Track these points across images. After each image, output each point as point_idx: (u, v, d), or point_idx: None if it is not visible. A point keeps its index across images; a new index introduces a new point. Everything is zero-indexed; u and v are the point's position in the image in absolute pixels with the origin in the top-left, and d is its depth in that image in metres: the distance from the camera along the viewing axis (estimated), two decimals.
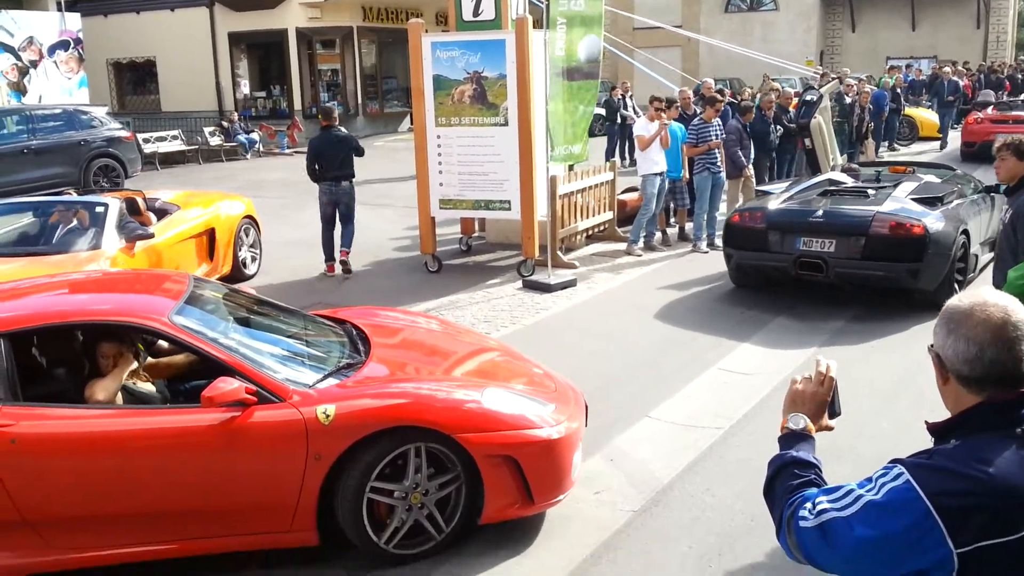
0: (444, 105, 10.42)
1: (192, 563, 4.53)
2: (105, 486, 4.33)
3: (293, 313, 5.76)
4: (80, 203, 9.06)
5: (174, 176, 20.29)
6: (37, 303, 5.18)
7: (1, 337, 4.43)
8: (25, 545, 4.31)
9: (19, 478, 4.21)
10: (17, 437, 4.19)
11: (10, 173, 16.03)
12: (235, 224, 10.59)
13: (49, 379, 4.98)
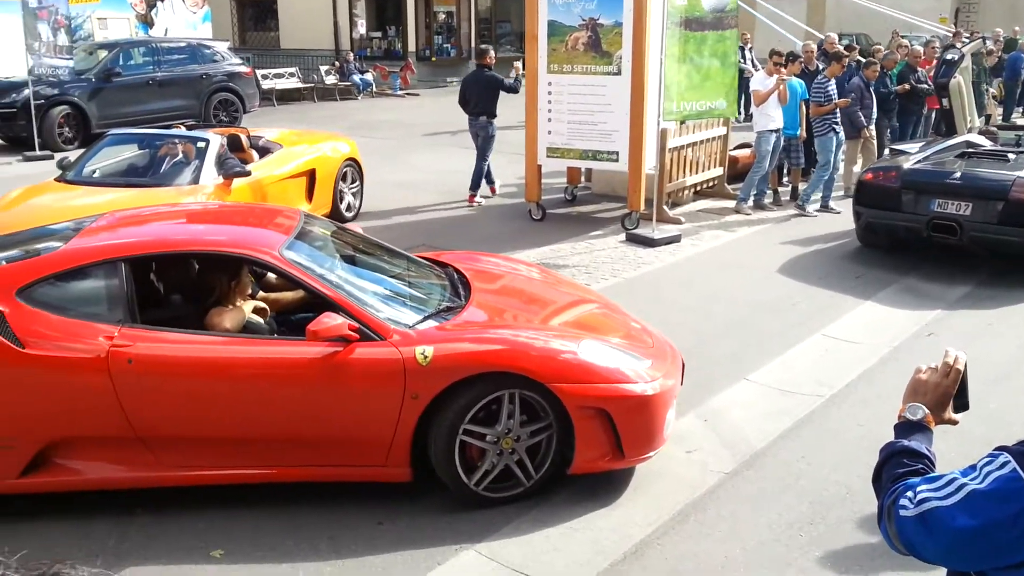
0: (557, 52, 10.33)
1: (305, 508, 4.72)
2: (213, 410, 4.53)
3: (397, 254, 5.86)
4: (184, 138, 9.27)
5: (289, 113, 20.70)
6: (157, 231, 5.40)
7: (123, 262, 4.64)
8: (137, 461, 4.55)
9: (134, 397, 4.43)
10: (134, 358, 4.40)
11: (136, 103, 16.61)
12: (337, 166, 10.62)
13: (164, 304, 5.21)
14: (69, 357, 4.40)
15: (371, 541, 4.43)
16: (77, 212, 7.00)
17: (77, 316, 4.50)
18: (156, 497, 4.68)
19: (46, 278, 4.58)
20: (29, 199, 8.54)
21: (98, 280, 4.64)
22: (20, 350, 4.34)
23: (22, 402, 4.41)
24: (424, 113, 20.97)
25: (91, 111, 16.07)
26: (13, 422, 4.41)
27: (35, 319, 4.43)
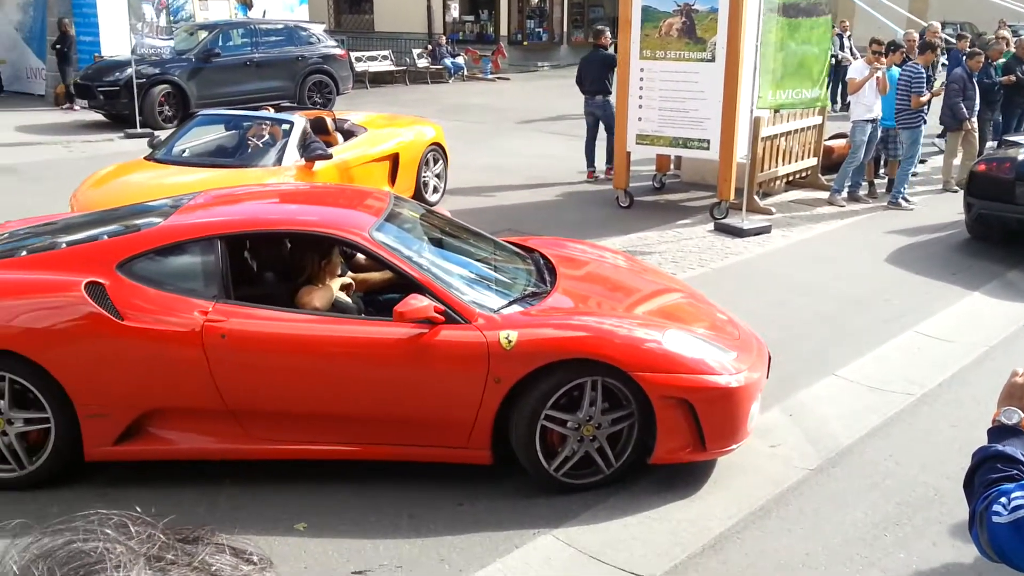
0: (650, 37, 10.21)
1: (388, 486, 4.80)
2: (301, 386, 4.63)
3: (484, 238, 5.89)
4: (270, 120, 9.42)
5: (380, 95, 20.94)
6: (251, 210, 5.54)
7: (219, 239, 4.78)
8: (227, 432, 4.69)
9: (226, 371, 4.56)
10: (227, 333, 4.54)
11: (233, 84, 16.98)
12: (421, 151, 10.58)
13: (257, 282, 5.34)
14: (165, 330, 4.55)
15: (450, 522, 4.48)
16: (164, 191, 7.25)
17: (174, 291, 4.65)
18: (244, 469, 4.82)
19: (146, 253, 4.74)
20: (119, 177, 8.78)
21: (195, 256, 4.79)
22: (119, 322, 4.51)
23: (119, 372, 4.59)
24: (514, 97, 20.99)
25: (190, 90, 16.50)
26: (110, 391, 4.59)
27: (134, 292, 4.60)
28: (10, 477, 4.69)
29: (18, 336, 4.54)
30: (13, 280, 4.73)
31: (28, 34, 19.90)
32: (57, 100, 18.06)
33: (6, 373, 4.55)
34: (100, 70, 16.49)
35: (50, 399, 4.56)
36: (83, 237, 5.11)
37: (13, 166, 12.83)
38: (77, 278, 4.58)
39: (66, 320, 4.55)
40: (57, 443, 4.63)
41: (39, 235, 5.42)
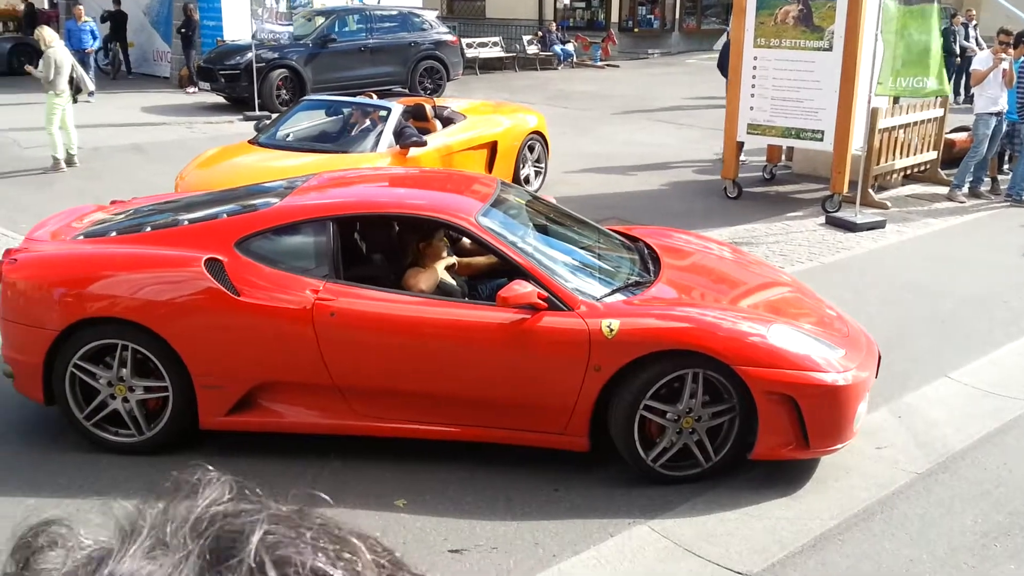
0: (765, 25, 9.99)
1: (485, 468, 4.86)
2: (404, 365, 4.72)
3: (588, 225, 5.88)
4: (369, 106, 9.57)
5: (489, 82, 21.05)
6: (363, 193, 5.66)
7: (331, 221, 4.91)
8: (333, 408, 4.82)
9: (334, 348, 4.69)
10: (336, 311, 4.66)
11: (348, 69, 17.33)
12: (521, 139, 10.53)
13: (366, 263, 5.46)
14: (277, 307, 4.70)
15: (546, 507, 4.51)
16: (265, 174, 7.46)
17: (287, 269, 4.80)
18: (348, 445, 4.94)
19: (262, 232, 4.91)
20: (223, 160, 9.05)
21: (308, 236, 4.94)
22: (235, 297, 4.68)
23: (233, 345, 4.77)
24: (623, 85, 20.83)
25: (307, 75, 16.89)
26: (224, 363, 4.77)
27: (249, 269, 4.76)
28: (130, 442, 4.94)
29: (141, 308, 4.76)
30: (138, 255, 4.96)
31: (155, 18, 20.70)
32: (181, 82, 18.75)
33: (129, 343, 4.78)
34: (222, 54, 17.04)
35: (169, 369, 4.77)
36: (203, 215, 5.32)
37: (140, 145, 13.40)
38: (197, 254, 4.77)
39: (186, 294, 4.75)
40: (174, 411, 4.84)
41: (163, 212, 5.65)
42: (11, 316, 5.02)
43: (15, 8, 25.42)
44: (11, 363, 5.07)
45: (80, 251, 5.14)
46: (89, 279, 4.90)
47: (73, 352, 4.82)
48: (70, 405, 4.91)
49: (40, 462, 4.97)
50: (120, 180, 11.16)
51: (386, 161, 8.70)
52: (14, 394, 5.26)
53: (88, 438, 4.98)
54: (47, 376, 4.90)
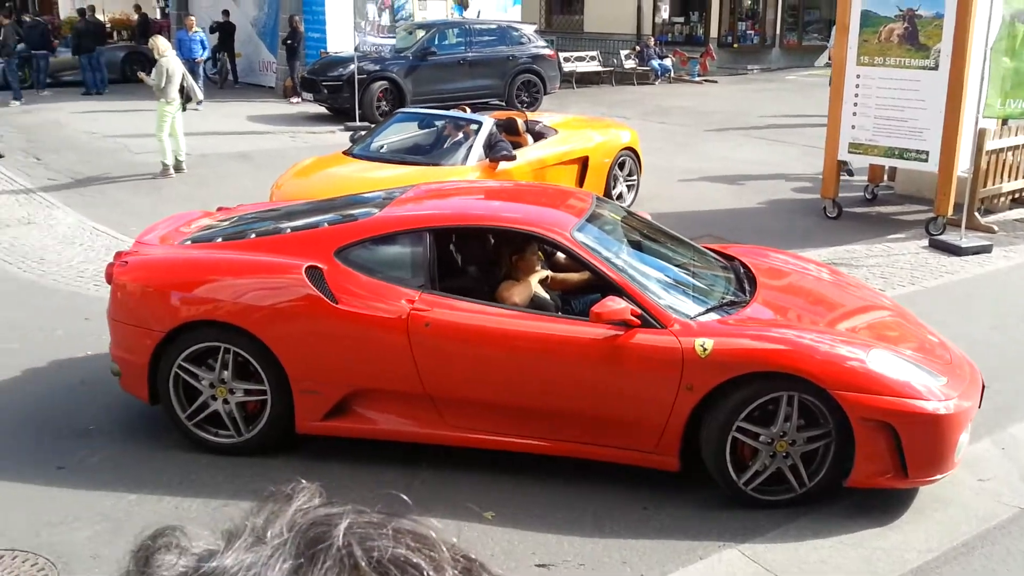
0: (869, 43, 9.76)
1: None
2: (497, 378, 4.76)
3: (683, 243, 5.83)
4: (461, 119, 9.63)
5: (586, 96, 21.06)
6: (459, 205, 5.74)
7: (427, 232, 4.99)
8: (425, 417, 4.89)
9: (427, 358, 4.76)
10: (431, 322, 4.74)
11: (446, 81, 17.56)
12: (612, 155, 10.45)
13: (460, 274, 5.52)
14: (374, 315, 4.79)
15: (634, 526, 4.48)
16: (359, 185, 7.62)
17: (383, 278, 4.89)
18: (438, 454, 5.00)
19: (361, 241, 5.02)
20: (319, 170, 9.23)
21: (405, 247, 5.03)
22: (334, 305, 4.79)
23: (330, 352, 4.87)
24: (721, 101, 20.60)
25: (406, 87, 17.18)
26: (322, 369, 4.89)
27: (348, 278, 4.87)
28: (228, 443, 5.09)
29: (243, 312, 4.91)
30: (241, 260, 5.12)
31: (262, 30, 21.33)
32: (285, 92, 19.25)
33: (231, 346, 4.93)
34: (325, 65, 17.45)
35: (268, 373, 4.90)
36: (305, 223, 5.46)
37: (245, 153, 13.81)
38: (298, 262, 4.90)
39: (287, 300, 4.88)
40: (272, 414, 4.97)
41: (266, 219, 5.82)
42: (120, 316, 5.23)
43: (129, 18, 26.51)
44: (118, 362, 5.27)
45: (187, 256, 5.33)
46: (194, 283, 5.08)
47: (177, 353, 5.00)
48: (173, 405, 5.08)
49: (143, 459, 5.16)
50: (225, 186, 11.50)
51: (475, 174, 8.73)
52: (120, 392, 5.47)
53: (189, 438, 5.15)
54: (152, 376, 5.08)
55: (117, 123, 16.02)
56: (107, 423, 5.57)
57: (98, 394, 5.88)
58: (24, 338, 6.77)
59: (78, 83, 20.26)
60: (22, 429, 5.50)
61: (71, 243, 9.43)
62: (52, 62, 20.58)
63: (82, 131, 15.28)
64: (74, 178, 12.29)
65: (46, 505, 4.69)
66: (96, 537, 4.42)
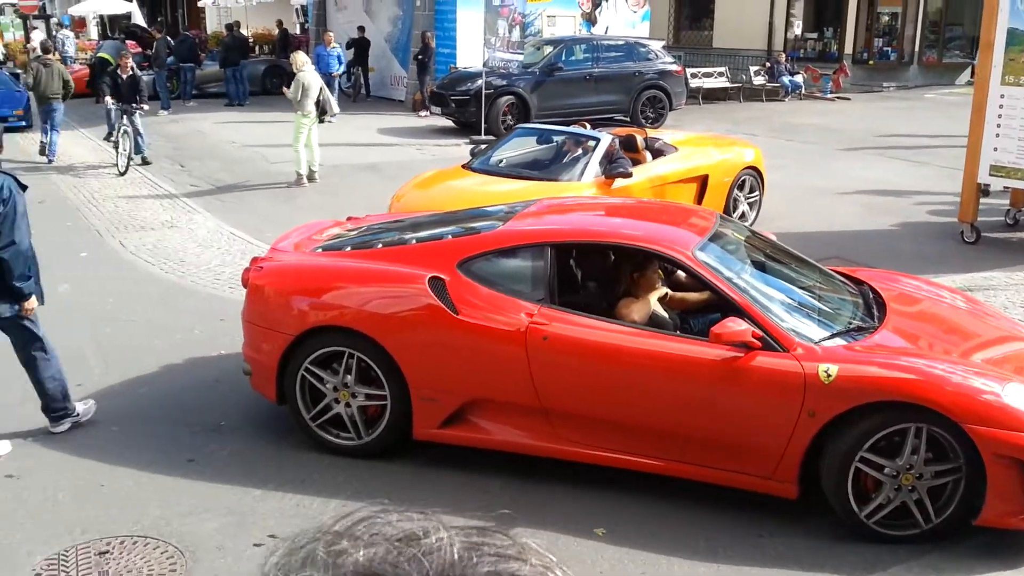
0: (1015, 62, 9.30)
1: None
2: (613, 395, 4.74)
3: (809, 265, 5.67)
4: (579, 136, 9.59)
5: (712, 112, 20.76)
6: (580, 221, 5.76)
7: (548, 247, 5.02)
8: (539, 430, 4.90)
9: (544, 371, 4.78)
10: (549, 336, 4.76)
11: (572, 97, 17.61)
12: (734, 173, 10.22)
13: (579, 290, 5.53)
14: (493, 327, 4.85)
15: (749, 552, 4.38)
16: (474, 198, 7.74)
17: (503, 291, 4.95)
18: (550, 468, 5.00)
19: (483, 254, 5.09)
20: (438, 182, 9.41)
21: (526, 261, 5.08)
22: (454, 315, 4.87)
23: (450, 361, 4.95)
24: (853, 119, 19.98)
25: (532, 102, 17.31)
26: (441, 378, 4.97)
27: (469, 289, 4.95)
28: (349, 445, 5.23)
29: (369, 319, 5.05)
30: (368, 269, 5.26)
31: (395, 45, 21.89)
32: (414, 106, 19.69)
33: (355, 351, 5.07)
34: (454, 80, 17.76)
35: (389, 379, 5.02)
36: (429, 235, 5.57)
37: (374, 164, 14.17)
38: (422, 272, 5.01)
39: (410, 309, 4.99)
40: (391, 419, 5.09)
41: (393, 230, 5.96)
42: (253, 319, 5.45)
43: (271, 33, 27.62)
44: (250, 362, 5.49)
45: (317, 263, 5.51)
46: (323, 289, 5.26)
47: (305, 356, 5.17)
48: (299, 405, 5.25)
49: (268, 456, 5.34)
50: (354, 196, 11.82)
51: (591, 191, 8.68)
52: (250, 391, 5.68)
53: (312, 438, 5.31)
54: (280, 377, 5.26)
55: (256, 133, 16.69)
56: (237, 420, 5.80)
57: (230, 392, 6.14)
58: (165, 336, 7.11)
59: (221, 94, 21.24)
60: (159, 422, 5.78)
61: (209, 247, 9.86)
62: (198, 74, 21.65)
63: (224, 140, 15.98)
64: (215, 185, 12.87)
65: (177, 496, 4.92)
66: (222, 529, 4.59)
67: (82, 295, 8.12)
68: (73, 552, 4.41)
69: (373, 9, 22.59)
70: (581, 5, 21.32)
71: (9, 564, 4.33)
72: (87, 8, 35.86)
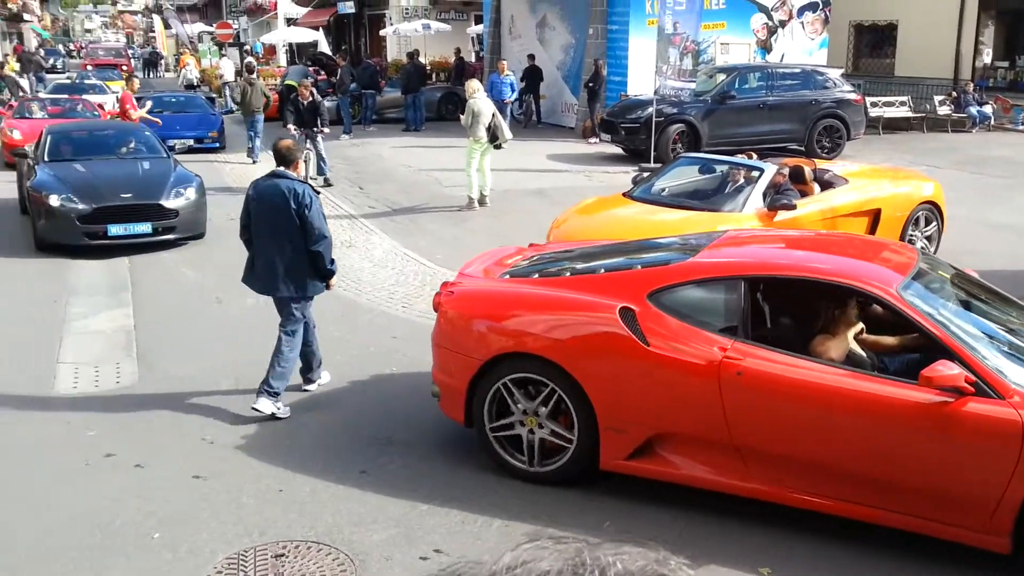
0: None
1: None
2: (809, 434, 4.55)
3: (1019, 306, 5.24)
4: (742, 166, 9.37)
5: (892, 143, 19.81)
6: (774, 255, 5.55)
7: (742, 280, 4.87)
8: (727, 467, 4.74)
9: (737, 407, 4.62)
10: (743, 371, 4.60)
11: (743, 125, 17.17)
12: (909, 209, 9.67)
13: (773, 325, 5.34)
14: (685, 360, 4.73)
15: None
16: (636, 227, 7.81)
17: (695, 324, 4.82)
18: (719, 501, 4.81)
19: (675, 286, 4.98)
20: (600, 210, 9.37)
21: (719, 294, 4.96)
22: (645, 347, 4.78)
23: (641, 393, 4.86)
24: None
25: (703, 130, 16.99)
26: (631, 409, 4.89)
27: (659, 321, 4.85)
28: (518, 467, 5.24)
29: (557, 347, 5.02)
30: (557, 297, 5.24)
31: (567, 73, 22.02)
32: (584, 133, 19.70)
33: (544, 379, 5.05)
34: (624, 108, 17.66)
35: (577, 407, 4.96)
36: (616, 264, 5.53)
37: (542, 190, 14.21)
38: (612, 302, 4.94)
39: (600, 339, 4.94)
40: (578, 448, 5.03)
41: (576, 258, 5.93)
42: (444, 343, 5.53)
43: (447, 61, 28.35)
44: (439, 385, 5.56)
45: (507, 289, 5.54)
46: (514, 316, 5.29)
47: (494, 381, 5.17)
48: (483, 413, 5.25)
49: (437, 472, 5.48)
50: (522, 221, 11.88)
51: (753, 222, 8.42)
52: (422, 407, 5.72)
53: (484, 449, 5.36)
54: (469, 401, 5.30)
55: (431, 158, 17.09)
56: (408, 435, 5.90)
57: (401, 407, 6.33)
58: (343, 351, 7.32)
59: (399, 120, 21.92)
60: (335, 433, 5.96)
61: (384, 266, 10.09)
62: (378, 100, 22.42)
63: (400, 164, 16.42)
64: (391, 207, 13.22)
65: (348, 505, 5.05)
66: (390, 541, 4.65)
67: (265, 309, 8.42)
68: (252, 553, 4.58)
69: (546, 37, 22.83)
70: (756, 33, 20.85)
71: (194, 560, 4.53)
72: (278, 37, 37.99)
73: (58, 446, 5.79)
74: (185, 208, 11.03)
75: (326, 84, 23.53)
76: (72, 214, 10.54)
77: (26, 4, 53.78)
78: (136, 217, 10.72)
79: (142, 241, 10.76)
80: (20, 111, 18.73)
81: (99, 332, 8.17)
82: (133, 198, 10.88)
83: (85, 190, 10.83)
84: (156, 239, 10.79)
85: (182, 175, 11.65)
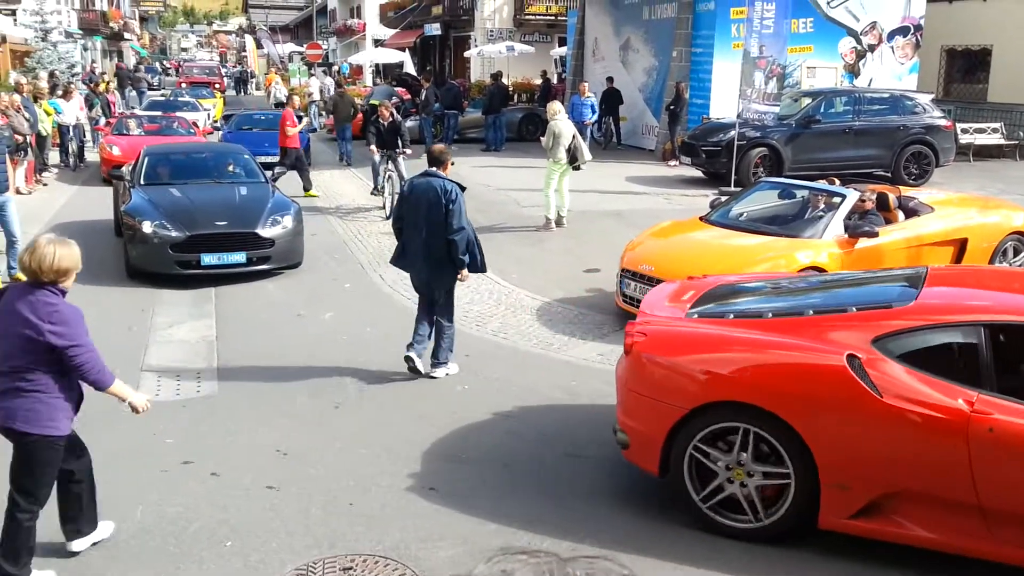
0: None
1: None
2: None
3: None
4: (823, 191, 9.04)
5: (983, 171, 19.06)
6: (1010, 298, 4.95)
7: (982, 326, 4.31)
8: (968, 529, 4.24)
9: (987, 466, 4.10)
10: (994, 426, 4.02)
11: (828, 150, 16.58)
12: (996, 239, 9.26)
13: (1013, 374, 4.66)
14: (925, 414, 4.17)
15: None
16: (714, 252, 7.85)
17: (931, 374, 4.25)
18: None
19: (905, 331, 4.47)
20: (676, 233, 9.17)
21: (954, 340, 4.39)
22: (878, 398, 4.21)
23: (869, 448, 4.37)
24: None
25: (786, 154, 16.50)
26: (857, 465, 4.42)
27: (888, 369, 4.32)
28: (746, 528, 4.72)
29: (775, 396, 4.51)
30: (772, 342, 4.75)
31: (648, 95, 21.74)
32: (664, 155, 19.37)
33: (757, 429, 4.53)
34: (706, 131, 17.27)
35: (795, 460, 4.49)
36: (824, 305, 5.01)
37: (620, 211, 14.01)
38: (837, 349, 4.41)
39: (825, 388, 4.40)
40: (795, 503, 4.56)
41: (771, 296, 5.49)
42: (638, 388, 5.01)
43: (530, 82, 28.53)
44: (629, 432, 5.02)
45: (707, 332, 5.02)
46: (723, 363, 4.78)
47: (696, 431, 4.67)
48: (687, 485, 4.84)
49: (503, 491, 5.28)
50: (599, 243, 11.75)
51: (833, 249, 8.13)
52: (490, 423, 5.73)
53: (702, 521, 4.85)
54: (665, 451, 4.85)
55: (509, 178, 17.03)
56: (476, 454, 5.80)
57: (471, 425, 6.30)
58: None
59: (480, 139, 22.02)
60: (406, 450, 5.88)
61: (459, 284, 10.18)
62: (460, 120, 22.64)
63: (479, 183, 16.43)
64: None
65: (416, 521, 4.98)
66: (455, 558, 4.59)
67: (343, 323, 8.61)
68: (320, 565, 4.54)
69: (629, 60, 22.59)
70: (844, 56, 20.41)
71: (264, 570, 4.52)
72: (365, 58, 38.71)
73: (138, 453, 5.81)
74: (282, 237, 10.36)
75: (410, 104, 23.94)
76: (165, 241, 9.91)
77: (127, 23, 56.06)
78: (231, 246, 10.08)
79: (236, 272, 10.13)
80: (118, 128, 19.25)
81: (183, 342, 8.26)
82: (228, 226, 10.23)
83: (179, 216, 10.19)
84: (250, 269, 10.19)
85: (280, 201, 10.98)
